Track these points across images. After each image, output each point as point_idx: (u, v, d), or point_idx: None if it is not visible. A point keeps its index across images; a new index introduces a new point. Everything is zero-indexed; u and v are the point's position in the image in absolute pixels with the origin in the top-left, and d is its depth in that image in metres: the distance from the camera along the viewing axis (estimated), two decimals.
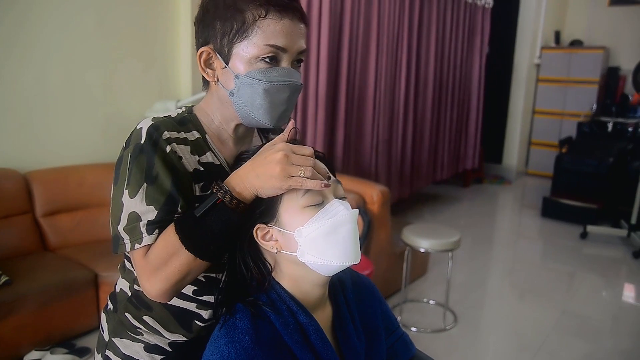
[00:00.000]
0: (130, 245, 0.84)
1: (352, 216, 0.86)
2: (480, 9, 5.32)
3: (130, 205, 0.85)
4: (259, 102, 0.90)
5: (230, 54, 0.89)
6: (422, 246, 2.79)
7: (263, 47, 0.87)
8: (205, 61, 0.93)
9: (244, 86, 0.89)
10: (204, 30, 0.92)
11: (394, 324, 1.10)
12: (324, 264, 0.85)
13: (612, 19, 6.34)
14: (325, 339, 0.89)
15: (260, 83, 0.88)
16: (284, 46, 0.88)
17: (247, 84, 0.89)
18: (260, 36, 0.87)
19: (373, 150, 4.06)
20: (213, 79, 0.94)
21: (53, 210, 2.86)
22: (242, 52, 0.88)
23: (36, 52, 2.85)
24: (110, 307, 1.04)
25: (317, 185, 0.81)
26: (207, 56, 0.92)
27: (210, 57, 0.92)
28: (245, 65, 0.89)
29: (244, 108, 0.91)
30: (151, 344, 0.98)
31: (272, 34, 0.87)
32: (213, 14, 0.89)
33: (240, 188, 0.83)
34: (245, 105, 0.91)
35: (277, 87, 0.89)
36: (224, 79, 0.92)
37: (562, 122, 6.38)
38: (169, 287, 0.83)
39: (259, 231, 0.87)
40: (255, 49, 0.87)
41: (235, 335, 0.83)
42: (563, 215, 4.92)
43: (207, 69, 0.93)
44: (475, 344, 2.83)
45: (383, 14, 3.89)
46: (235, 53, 0.89)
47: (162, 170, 0.85)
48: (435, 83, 4.80)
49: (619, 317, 3.18)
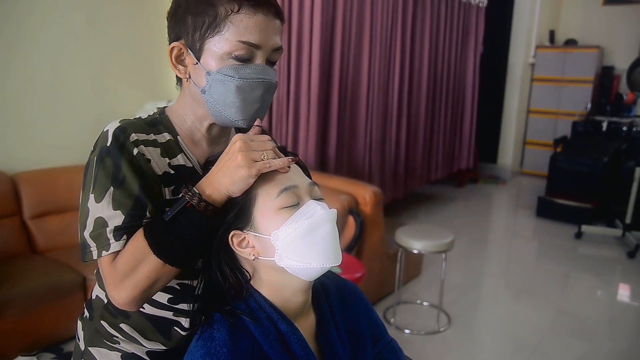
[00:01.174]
0: (97, 252, 0.81)
1: (330, 216, 0.83)
2: (475, 8, 5.30)
3: (96, 210, 0.82)
4: (231, 99, 0.87)
5: (202, 49, 0.86)
6: (415, 247, 2.76)
7: (235, 43, 0.84)
8: (177, 57, 0.90)
9: (215, 83, 0.86)
10: (175, 25, 0.89)
11: (382, 330, 1.07)
12: (304, 267, 0.82)
13: (606, 18, 6.33)
14: (307, 348, 0.86)
15: (232, 80, 0.85)
16: (257, 42, 0.85)
17: (219, 80, 0.86)
18: (232, 32, 0.84)
19: (366, 150, 4.03)
20: (185, 75, 0.91)
21: (41, 212, 2.82)
22: (214, 47, 0.85)
23: (24, 53, 2.81)
24: (86, 315, 1.00)
25: (285, 162, 0.81)
26: (178, 52, 0.89)
27: (182, 53, 0.89)
28: (217, 61, 0.86)
29: (216, 106, 0.88)
30: (128, 352, 0.95)
31: (244, 29, 0.84)
32: (185, 9, 0.87)
33: (210, 190, 0.80)
34: (217, 103, 0.88)
35: (251, 84, 0.86)
36: (196, 76, 0.89)
37: (557, 121, 6.37)
38: (137, 295, 0.80)
39: (235, 238, 0.84)
40: (227, 45, 0.84)
41: (212, 348, 0.80)
42: (558, 215, 4.90)
43: (178, 65, 0.91)
44: (469, 346, 2.81)
45: (376, 13, 3.87)
46: (207, 49, 0.86)
47: (130, 173, 0.82)
48: (429, 83, 4.77)
49: (614, 317, 3.17)
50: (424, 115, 4.76)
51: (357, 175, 3.87)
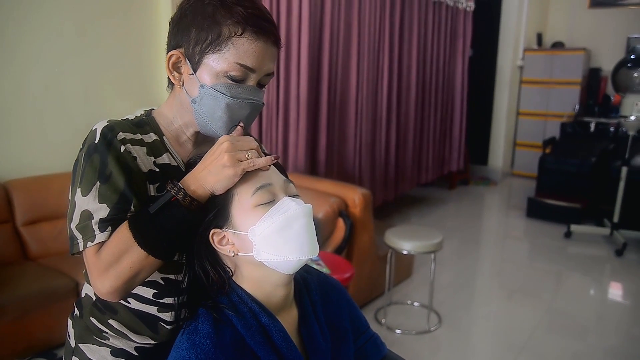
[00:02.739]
0: (83, 243, 0.85)
1: (305, 210, 0.87)
2: (462, 12, 5.37)
3: (82, 204, 0.86)
4: (219, 114, 0.91)
5: (200, 63, 0.90)
6: (405, 248, 2.80)
7: (233, 64, 0.89)
8: (174, 64, 0.94)
9: (207, 97, 0.91)
10: (177, 33, 0.93)
11: (364, 324, 1.10)
12: (281, 260, 0.85)
13: (592, 21, 6.43)
14: (289, 340, 0.89)
15: (224, 97, 0.90)
16: (253, 67, 0.90)
17: (211, 95, 0.90)
18: (232, 53, 0.88)
19: (356, 154, 4.07)
20: (178, 82, 0.95)
21: (34, 219, 2.84)
22: (212, 64, 0.89)
23: (17, 62, 2.83)
24: (76, 313, 1.04)
25: (268, 161, 0.85)
26: (176, 59, 0.93)
27: (180, 61, 0.93)
28: (212, 77, 0.90)
29: (204, 118, 0.93)
30: (118, 348, 0.98)
31: (244, 53, 0.89)
32: (191, 20, 0.90)
33: (195, 186, 0.84)
34: (205, 115, 0.93)
35: (240, 103, 0.91)
36: (189, 86, 0.93)
37: (546, 122, 6.44)
38: (119, 285, 0.83)
39: (215, 236, 0.88)
40: (225, 65, 0.89)
41: (196, 340, 0.83)
42: (547, 215, 4.96)
43: (174, 71, 0.95)
44: (459, 345, 2.84)
45: (364, 18, 3.92)
46: (205, 63, 0.90)
47: (116, 169, 0.86)
48: (418, 86, 4.83)
49: (604, 315, 3.21)
50: (414, 118, 4.81)
51: (348, 179, 3.91)
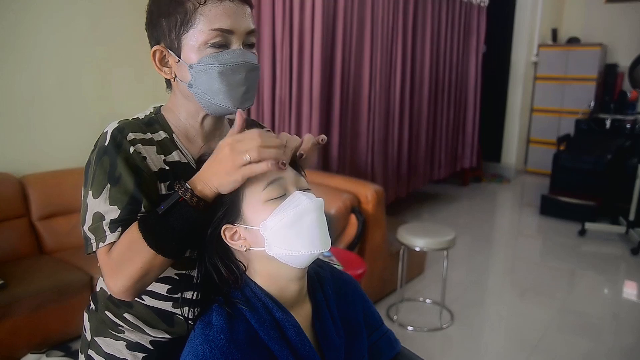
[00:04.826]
0: (95, 244, 0.86)
1: (316, 204, 0.87)
2: (476, 7, 5.32)
3: (94, 206, 0.87)
4: (217, 86, 0.91)
5: (181, 46, 0.91)
6: (417, 245, 2.79)
7: (209, 32, 0.89)
8: (160, 60, 0.95)
9: (199, 74, 0.91)
10: (153, 32, 0.95)
11: (378, 320, 1.10)
12: (292, 254, 0.85)
13: (609, 16, 6.33)
14: (302, 335, 0.89)
15: (213, 67, 0.90)
16: (229, 28, 0.90)
17: (202, 71, 0.90)
18: (204, 22, 0.89)
19: (369, 149, 4.06)
20: (171, 76, 0.96)
21: (49, 214, 2.87)
22: (191, 41, 0.90)
23: (31, 56, 2.87)
24: (92, 307, 1.05)
25: (265, 167, 0.80)
26: (160, 55, 0.94)
27: (164, 55, 0.94)
28: (196, 53, 0.90)
29: (205, 96, 0.93)
30: (133, 341, 0.99)
31: (214, 17, 0.89)
32: (157, 13, 0.92)
33: (202, 187, 0.84)
34: (205, 94, 0.92)
35: (232, 68, 0.91)
36: (181, 73, 0.94)
37: (561, 119, 6.38)
38: (131, 284, 0.84)
39: (227, 232, 0.88)
40: (202, 36, 0.89)
41: (210, 335, 0.83)
42: (561, 212, 4.91)
43: (163, 67, 0.96)
44: (471, 342, 2.83)
45: (377, 14, 3.90)
46: (184, 44, 0.91)
47: (125, 171, 0.87)
48: (431, 82, 4.80)
49: (619, 314, 3.17)
50: (426, 114, 4.79)
51: (360, 175, 3.90)
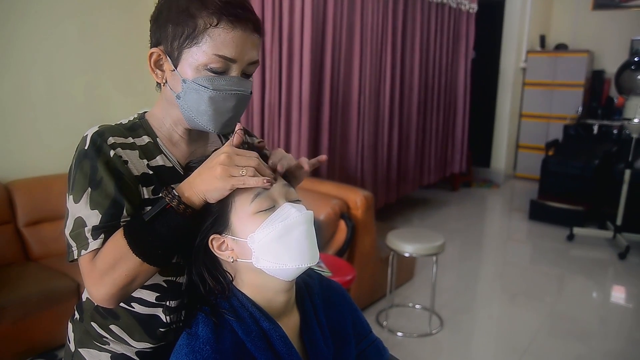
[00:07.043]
0: (77, 251, 0.84)
1: (305, 217, 0.86)
2: (465, 13, 5.36)
3: (75, 211, 0.86)
4: (203, 108, 0.90)
5: (180, 58, 0.89)
6: (407, 251, 2.79)
7: (212, 56, 0.87)
8: (156, 62, 0.93)
9: (190, 91, 0.90)
10: (156, 31, 0.92)
11: (366, 329, 1.09)
12: (280, 268, 0.84)
13: (596, 23, 6.41)
14: (290, 345, 0.88)
15: (206, 90, 0.89)
16: (232, 57, 0.88)
17: (194, 89, 0.89)
18: (209, 45, 0.87)
19: (358, 155, 4.06)
20: (162, 80, 0.94)
21: (35, 220, 2.84)
22: (191, 58, 0.88)
23: (17, 60, 2.84)
24: (76, 316, 1.03)
25: (259, 182, 0.80)
26: (157, 57, 0.93)
27: (161, 59, 0.93)
28: (193, 71, 0.89)
29: (190, 112, 0.92)
30: (118, 353, 0.97)
31: (222, 44, 0.87)
32: (166, 16, 0.89)
33: (189, 193, 0.83)
34: (190, 110, 0.92)
35: (224, 95, 0.90)
36: (172, 82, 0.92)
37: (549, 125, 6.43)
38: (115, 292, 0.82)
39: (214, 242, 0.87)
40: (204, 57, 0.87)
41: (196, 345, 0.82)
42: (550, 217, 4.94)
43: (156, 69, 0.94)
44: (461, 348, 2.83)
45: (366, 20, 3.91)
46: (184, 58, 0.89)
47: (106, 174, 0.86)
48: (421, 88, 4.81)
49: (607, 318, 3.20)
50: (416, 120, 4.80)
51: (350, 180, 3.90)
